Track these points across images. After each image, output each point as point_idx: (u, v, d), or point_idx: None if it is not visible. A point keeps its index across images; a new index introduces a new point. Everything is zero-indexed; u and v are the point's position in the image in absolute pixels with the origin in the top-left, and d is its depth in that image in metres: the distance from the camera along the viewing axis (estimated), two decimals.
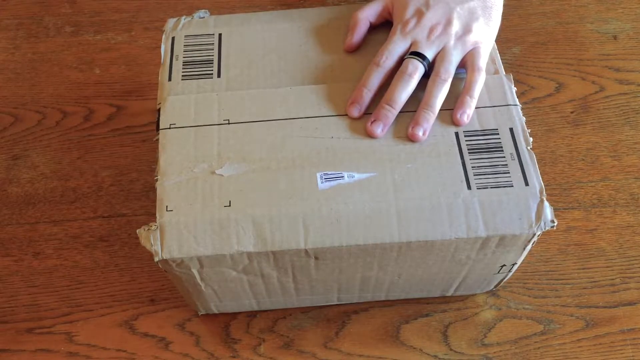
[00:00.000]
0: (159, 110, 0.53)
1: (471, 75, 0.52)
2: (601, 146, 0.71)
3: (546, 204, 0.48)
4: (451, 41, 0.53)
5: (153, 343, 0.60)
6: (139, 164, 0.71)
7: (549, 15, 0.82)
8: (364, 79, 0.53)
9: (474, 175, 0.49)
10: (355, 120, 0.52)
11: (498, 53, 0.56)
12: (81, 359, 0.60)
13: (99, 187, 0.69)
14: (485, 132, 0.51)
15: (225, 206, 0.48)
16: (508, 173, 0.49)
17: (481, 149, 0.50)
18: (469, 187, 0.48)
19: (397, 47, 0.53)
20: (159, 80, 0.55)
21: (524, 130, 0.51)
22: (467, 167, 0.49)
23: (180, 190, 0.49)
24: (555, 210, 0.54)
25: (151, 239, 0.47)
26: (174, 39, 0.57)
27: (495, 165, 0.49)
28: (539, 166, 0.49)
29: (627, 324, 0.60)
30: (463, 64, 0.54)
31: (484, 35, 0.54)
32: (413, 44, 0.53)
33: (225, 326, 0.61)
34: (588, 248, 0.65)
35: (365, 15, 0.57)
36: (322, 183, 0.49)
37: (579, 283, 0.63)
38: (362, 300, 0.61)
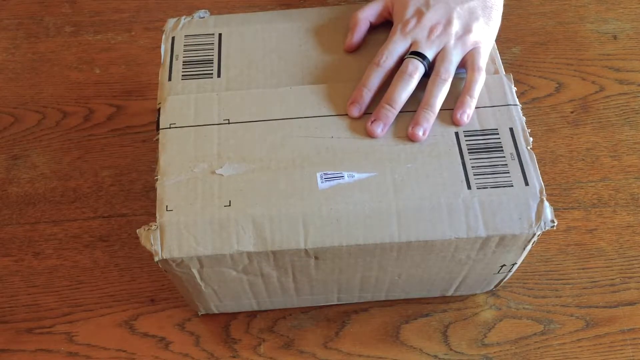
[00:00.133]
0: (159, 110, 0.53)
1: (471, 75, 0.52)
2: (601, 146, 0.71)
3: (546, 204, 0.48)
4: (451, 41, 0.53)
5: (153, 343, 0.60)
6: (139, 164, 0.71)
7: (549, 15, 0.82)
8: (364, 78, 0.53)
9: (474, 175, 0.49)
10: (355, 120, 0.52)
11: (498, 53, 0.56)
12: (81, 359, 0.60)
13: (99, 187, 0.69)
14: (485, 132, 0.51)
15: (225, 206, 0.48)
16: (508, 173, 0.49)
17: (481, 148, 0.50)
18: (469, 187, 0.48)
19: (397, 47, 0.53)
20: (159, 80, 0.55)
21: (524, 130, 0.51)
22: (467, 167, 0.49)
23: (180, 190, 0.49)
24: (555, 210, 0.54)
25: (151, 239, 0.47)
26: (174, 39, 0.57)
27: (495, 165, 0.49)
28: (539, 166, 0.49)
29: (627, 324, 0.60)
30: (463, 63, 0.54)
31: (484, 35, 0.54)
32: (413, 43, 0.53)
33: (225, 326, 0.61)
34: (588, 248, 0.65)
35: (365, 15, 0.57)
36: (322, 183, 0.49)
37: (579, 283, 0.63)
38: (362, 300, 0.61)
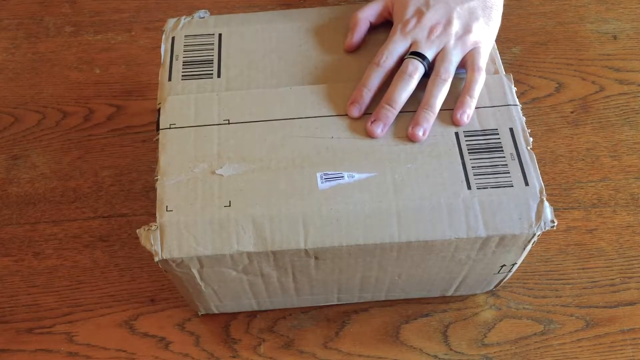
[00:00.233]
0: (159, 110, 0.53)
1: (471, 75, 0.52)
2: (601, 146, 0.71)
3: (546, 204, 0.48)
4: (451, 41, 0.53)
5: (153, 343, 0.60)
6: (139, 164, 0.71)
7: (549, 15, 0.82)
8: (364, 79, 0.53)
9: (474, 175, 0.49)
10: (355, 120, 0.52)
11: (498, 53, 0.56)
12: (81, 359, 0.60)
13: (99, 187, 0.69)
14: (485, 132, 0.51)
15: (225, 206, 0.48)
16: (508, 173, 0.49)
17: (481, 149, 0.50)
18: (469, 187, 0.48)
19: (397, 47, 0.53)
20: (159, 80, 0.55)
21: (524, 130, 0.51)
22: (467, 167, 0.49)
23: (180, 190, 0.49)
24: (555, 210, 0.54)
25: (151, 239, 0.47)
26: (174, 39, 0.57)
27: (495, 165, 0.49)
28: (539, 166, 0.49)
29: (627, 324, 0.60)
30: (463, 63, 0.54)
31: (484, 35, 0.54)
32: (413, 43, 0.53)
33: (225, 326, 0.61)
34: (588, 248, 0.65)
35: (365, 15, 0.57)
36: (322, 183, 0.49)
37: (579, 283, 0.63)
38: (362, 300, 0.61)
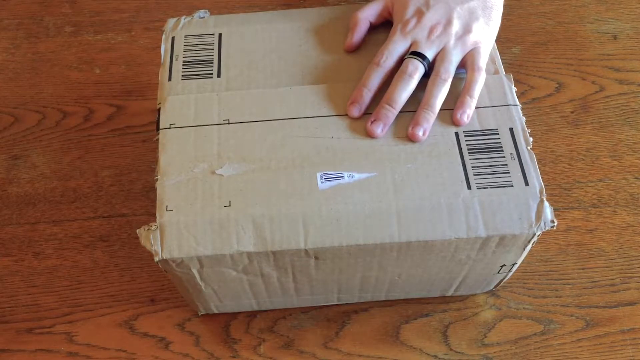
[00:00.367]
0: (159, 110, 0.53)
1: (471, 75, 0.52)
2: (601, 146, 0.71)
3: (546, 204, 0.48)
4: (451, 41, 0.53)
5: (153, 343, 0.60)
6: (139, 164, 0.71)
7: (549, 15, 0.82)
8: (364, 78, 0.53)
9: (474, 175, 0.49)
10: (355, 120, 0.52)
11: (498, 53, 0.56)
12: (81, 359, 0.60)
13: (99, 187, 0.69)
14: (485, 132, 0.51)
15: (225, 206, 0.48)
16: (508, 173, 0.49)
17: (481, 149, 0.50)
18: (469, 187, 0.48)
19: (397, 47, 0.53)
20: (159, 80, 0.55)
21: (524, 130, 0.51)
22: (467, 167, 0.49)
23: (180, 190, 0.49)
24: (555, 210, 0.54)
25: (151, 239, 0.47)
26: (174, 39, 0.57)
27: (495, 165, 0.49)
28: (539, 166, 0.49)
29: (627, 324, 0.60)
30: (463, 63, 0.54)
31: (484, 35, 0.54)
32: (413, 43, 0.53)
33: (225, 326, 0.61)
34: (588, 248, 0.65)
35: (365, 15, 0.57)
36: (322, 183, 0.49)
37: (579, 283, 0.63)
38: (362, 300, 0.61)
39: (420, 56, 0.52)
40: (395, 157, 0.50)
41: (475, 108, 0.52)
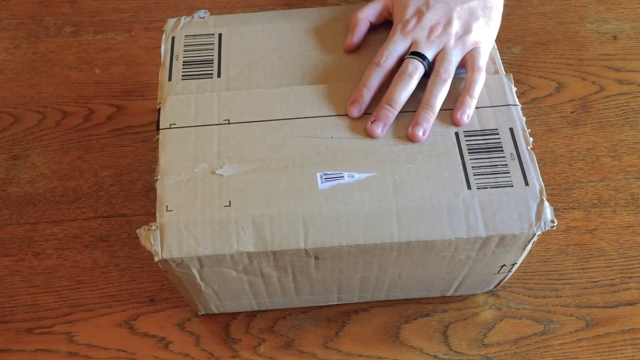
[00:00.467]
0: (159, 110, 0.53)
1: (471, 75, 0.52)
2: (601, 146, 0.71)
3: (546, 204, 0.48)
4: (451, 41, 0.53)
5: (153, 343, 0.60)
6: (139, 164, 0.71)
7: (549, 15, 0.82)
8: (364, 78, 0.53)
9: (474, 175, 0.49)
10: (355, 120, 0.52)
11: (498, 53, 0.56)
12: (81, 359, 0.60)
13: (99, 187, 0.69)
14: (485, 132, 0.51)
15: (225, 206, 0.48)
16: (508, 173, 0.49)
17: (481, 149, 0.50)
18: (469, 187, 0.48)
19: (397, 47, 0.53)
20: (159, 80, 0.55)
21: (524, 130, 0.51)
22: (467, 167, 0.49)
23: (180, 190, 0.49)
24: (555, 210, 0.54)
25: (151, 239, 0.47)
26: (174, 39, 0.57)
27: (495, 165, 0.49)
28: (539, 166, 0.49)
29: (627, 324, 0.60)
30: (463, 63, 0.54)
31: (484, 35, 0.54)
32: (413, 43, 0.53)
33: (225, 326, 0.61)
34: (588, 248, 0.65)
35: (366, 15, 0.57)
36: (322, 183, 0.49)
37: (579, 283, 0.63)
38: (362, 300, 0.61)
39: (420, 56, 0.52)
40: (395, 157, 0.50)
41: (475, 108, 0.52)
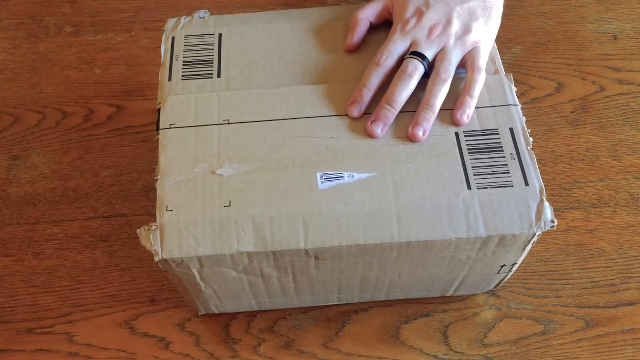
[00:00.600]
0: (159, 110, 0.53)
1: (471, 75, 0.52)
2: (601, 146, 0.71)
3: (546, 204, 0.48)
4: (451, 41, 0.53)
5: (153, 343, 0.60)
6: (139, 164, 0.71)
7: (549, 15, 0.82)
8: (363, 78, 0.53)
9: (474, 175, 0.49)
10: (355, 120, 0.52)
11: (498, 53, 0.56)
12: (81, 359, 0.60)
13: (99, 187, 0.69)
14: (485, 132, 0.51)
15: (225, 206, 0.48)
16: (508, 173, 0.49)
17: (481, 149, 0.50)
18: (469, 187, 0.48)
19: (397, 47, 0.53)
20: (159, 80, 0.55)
21: (524, 130, 0.51)
22: (467, 167, 0.49)
23: (180, 190, 0.49)
24: (555, 210, 0.54)
25: (151, 239, 0.47)
26: (174, 39, 0.57)
27: (495, 165, 0.49)
28: (539, 166, 0.49)
29: (627, 324, 0.60)
30: (463, 63, 0.54)
31: (483, 35, 0.54)
32: (413, 43, 0.53)
33: (225, 326, 0.61)
34: (588, 248, 0.65)
35: (365, 15, 0.57)
36: (322, 183, 0.49)
37: (579, 283, 0.63)
38: (362, 300, 0.61)
39: (420, 56, 0.52)
40: (395, 157, 0.50)
41: (475, 108, 0.52)
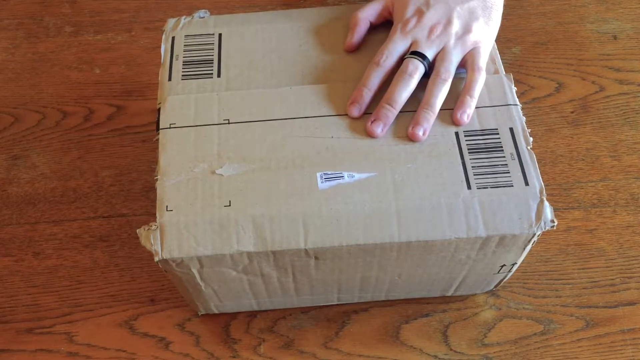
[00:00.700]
0: (159, 110, 0.53)
1: (471, 75, 0.52)
2: (601, 146, 0.71)
3: (546, 204, 0.48)
4: (451, 41, 0.53)
5: (153, 343, 0.60)
6: (139, 164, 0.71)
7: (549, 15, 0.82)
8: (364, 78, 0.53)
9: (474, 175, 0.49)
10: (355, 120, 0.52)
11: (498, 53, 0.56)
12: (81, 359, 0.60)
13: (99, 187, 0.69)
14: (485, 132, 0.51)
15: (225, 206, 0.48)
16: (508, 173, 0.49)
17: (481, 148, 0.50)
18: (469, 187, 0.48)
19: (397, 47, 0.53)
20: (159, 80, 0.55)
21: (524, 130, 0.51)
22: (467, 167, 0.49)
23: (180, 190, 0.49)
24: (555, 210, 0.54)
25: (151, 239, 0.47)
26: (174, 38, 0.57)
27: (495, 165, 0.49)
28: (539, 166, 0.49)
29: (627, 324, 0.60)
30: (463, 63, 0.54)
31: (484, 35, 0.54)
32: (413, 43, 0.53)
33: (225, 326, 0.61)
34: (588, 248, 0.65)
35: (366, 15, 0.57)
36: (322, 183, 0.49)
37: (579, 283, 0.63)
38: (362, 300, 0.61)
39: (421, 56, 0.52)
40: (395, 157, 0.50)
41: (476, 108, 0.52)
